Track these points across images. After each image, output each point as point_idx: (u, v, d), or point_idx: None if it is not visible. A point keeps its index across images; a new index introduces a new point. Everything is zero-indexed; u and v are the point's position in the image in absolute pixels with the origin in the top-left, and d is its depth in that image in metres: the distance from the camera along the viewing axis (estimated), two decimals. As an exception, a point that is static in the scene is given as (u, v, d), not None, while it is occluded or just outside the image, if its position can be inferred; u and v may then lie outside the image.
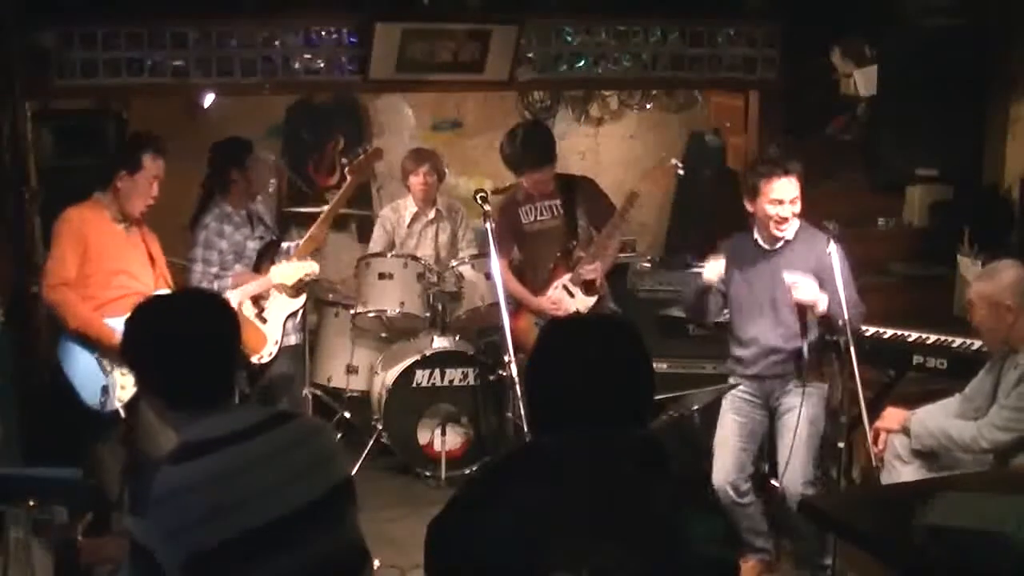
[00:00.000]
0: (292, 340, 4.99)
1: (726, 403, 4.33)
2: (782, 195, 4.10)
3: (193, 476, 2.09)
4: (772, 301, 4.19)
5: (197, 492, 2.07)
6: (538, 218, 5.22)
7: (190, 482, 2.08)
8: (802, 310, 4.08)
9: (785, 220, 4.14)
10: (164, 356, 2.21)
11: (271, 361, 4.84)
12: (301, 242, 4.92)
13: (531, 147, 5.06)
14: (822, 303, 4.07)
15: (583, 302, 5.09)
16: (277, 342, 4.83)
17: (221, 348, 2.29)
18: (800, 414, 4.10)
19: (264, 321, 4.81)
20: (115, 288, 4.27)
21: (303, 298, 4.96)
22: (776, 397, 4.25)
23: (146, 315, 2.30)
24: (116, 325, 4.08)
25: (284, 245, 5.04)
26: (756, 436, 4.33)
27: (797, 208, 4.14)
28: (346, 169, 5.00)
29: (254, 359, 4.77)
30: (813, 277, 4.08)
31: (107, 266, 4.29)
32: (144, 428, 4.19)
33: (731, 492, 4.25)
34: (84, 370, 4.23)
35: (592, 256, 5.06)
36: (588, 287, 5.09)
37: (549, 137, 5.18)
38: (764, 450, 4.41)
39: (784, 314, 4.17)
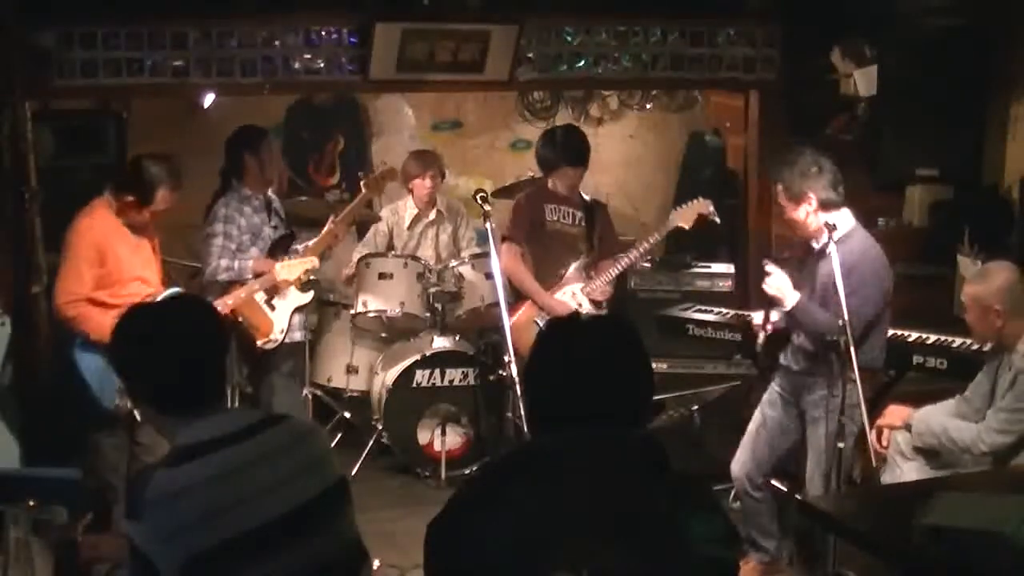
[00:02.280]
0: (297, 336, 5.01)
1: (766, 395, 4.32)
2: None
3: (188, 479, 2.09)
4: (807, 295, 4.06)
5: (192, 494, 2.07)
6: (561, 219, 5.31)
7: (185, 485, 2.08)
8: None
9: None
10: (152, 361, 2.21)
11: (273, 354, 4.86)
12: (311, 244, 4.95)
13: (568, 146, 5.25)
14: (788, 300, 3.96)
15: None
16: (283, 331, 4.86)
17: (209, 351, 2.29)
18: (826, 418, 4.02)
19: (272, 308, 4.84)
20: (129, 296, 4.22)
21: (311, 294, 5.00)
22: (804, 398, 4.15)
23: (132, 321, 2.29)
24: None
25: (297, 247, 5.06)
26: (786, 434, 4.23)
27: (787, 214, 4.05)
28: (361, 183, 5.07)
29: (259, 342, 4.79)
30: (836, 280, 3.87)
31: (123, 274, 4.29)
32: (145, 432, 4.20)
33: (746, 483, 4.26)
34: (100, 373, 4.20)
35: (605, 281, 5.20)
36: (595, 303, 5.22)
37: (585, 140, 5.36)
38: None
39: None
